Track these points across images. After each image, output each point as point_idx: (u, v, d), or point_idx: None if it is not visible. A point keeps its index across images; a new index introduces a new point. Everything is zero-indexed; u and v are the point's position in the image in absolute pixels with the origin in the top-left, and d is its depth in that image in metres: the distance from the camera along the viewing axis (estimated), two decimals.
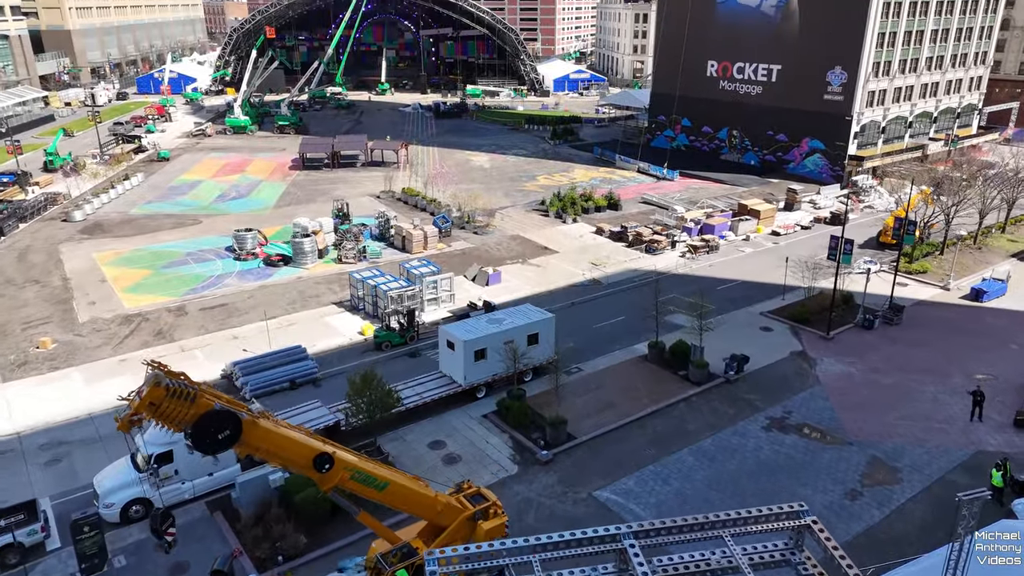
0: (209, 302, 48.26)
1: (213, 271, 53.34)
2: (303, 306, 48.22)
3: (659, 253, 59.08)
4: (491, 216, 67.99)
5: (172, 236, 60.94)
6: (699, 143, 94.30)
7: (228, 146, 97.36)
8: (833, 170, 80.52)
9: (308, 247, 54.23)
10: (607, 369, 40.15)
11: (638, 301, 49.12)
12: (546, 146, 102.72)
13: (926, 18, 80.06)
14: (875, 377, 39.53)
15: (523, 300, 49.71)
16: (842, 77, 77.70)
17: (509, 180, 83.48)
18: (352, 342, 43.62)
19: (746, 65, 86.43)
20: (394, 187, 76.71)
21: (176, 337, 43.51)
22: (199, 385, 17.71)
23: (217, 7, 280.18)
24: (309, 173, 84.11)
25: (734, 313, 47.27)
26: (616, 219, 68.26)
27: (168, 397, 16.70)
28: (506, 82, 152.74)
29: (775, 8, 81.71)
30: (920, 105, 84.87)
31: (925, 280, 52.91)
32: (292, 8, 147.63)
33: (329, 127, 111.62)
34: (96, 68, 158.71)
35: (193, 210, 68.45)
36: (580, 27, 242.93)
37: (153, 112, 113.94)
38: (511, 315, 38.85)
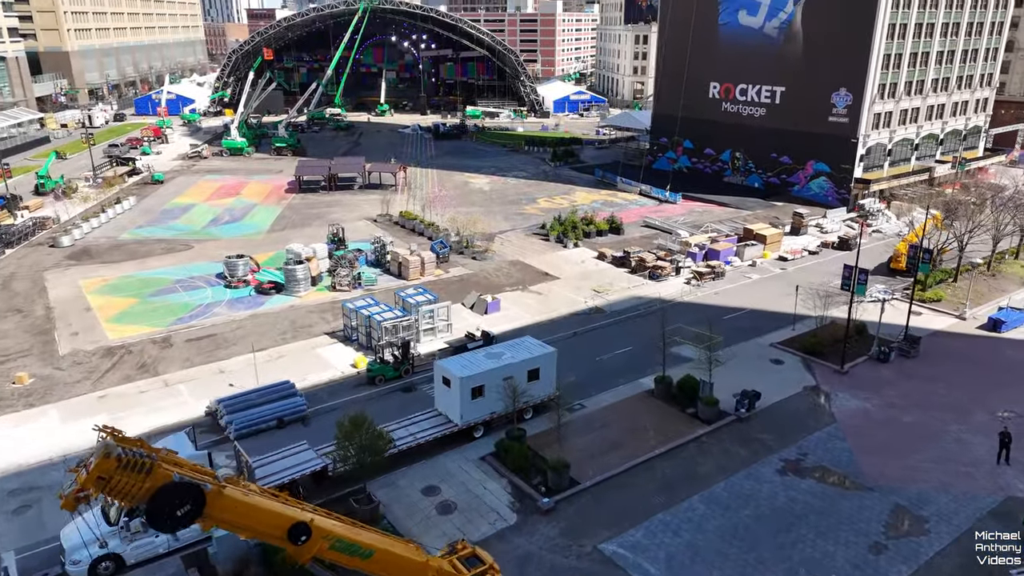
0: (196, 333, 46.38)
1: (202, 299, 51.53)
2: (294, 337, 46.35)
3: (663, 280, 57.32)
4: (490, 241, 66.37)
5: (162, 262, 59.20)
6: (701, 165, 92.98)
7: (224, 168, 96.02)
8: (839, 193, 79.03)
9: (301, 274, 52.46)
10: (612, 406, 38.17)
11: (643, 331, 47.36)
12: (546, 168, 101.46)
13: (931, 40, 79.04)
14: (894, 415, 37.54)
15: (523, 330, 48.03)
16: (847, 99, 76.48)
17: (509, 203, 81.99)
18: (344, 375, 41.70)
19: (749, 87, 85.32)
20: (392, 210, 75.16)
21: (160, 371, 41.58)
22: (157, 452, 15.74)
23: (218, 29, 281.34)
24: (305, 196, 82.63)
25: (743, 344, 45.39)
26: (618, 244, 66.60)
27: (120, 469, 14.73)
28: (506, 103, 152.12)
29: (778, 30, 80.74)
30: (926, 127, 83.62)
31: (940, 309, 51.07)
32: (291, 30, 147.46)
33: (327, 149, 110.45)
34: (94, 89, 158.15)
35: (185, 235, 66.80)
36: (580, 48, 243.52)
37: (149, 134, 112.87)
38: (510, 349, 36.97)
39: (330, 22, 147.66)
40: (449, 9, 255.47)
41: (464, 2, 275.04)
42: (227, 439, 34.84)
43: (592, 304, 52.60)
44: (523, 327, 48.61)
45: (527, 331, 47.83)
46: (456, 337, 46.20)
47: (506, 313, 50.68)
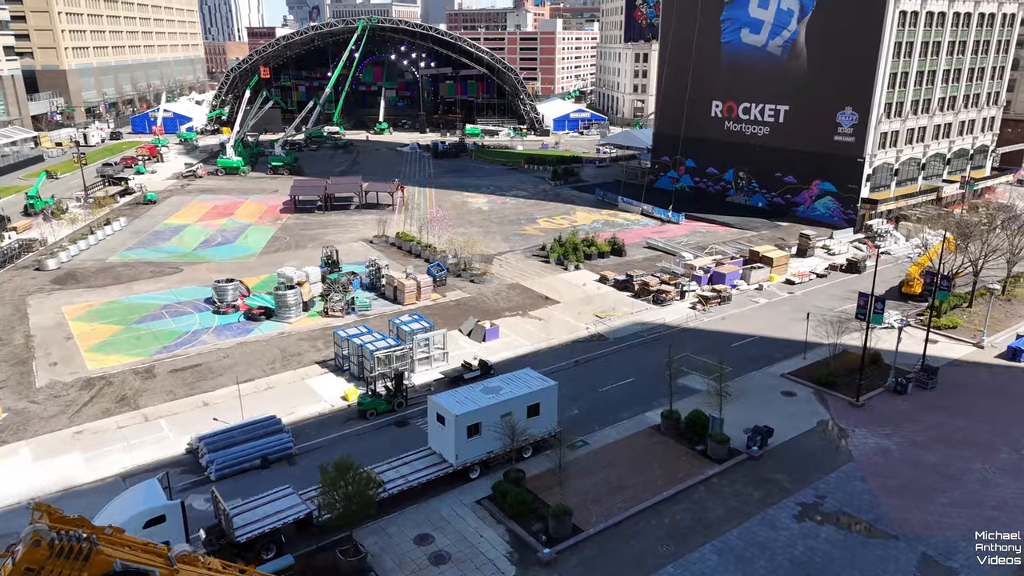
0: (181, 362, 44.39)
1: (189, 326, 49.59)
2: (283, 366, 44.35)
3: (668, 304, 55.42)
4: (489, 263, 64.55)
5: (149, 286, 57.31)
6: (704, 184, 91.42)
7: (218, 188, 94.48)
8: (845, 213, 77.33)
9: (292, 300, 50.55)
10: (616, 443, 36.09)
11: (648, 360, 45.47)
12: (546, 187, 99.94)
13: (938, 58, 77.75)
14: (915, 453, 35.45)
15: (522, 358, 46.15)
16: (853, 118, 75.01)
17: (508, 223, 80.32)
18: (334, 409, 39.66)
19: (752, 105, 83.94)
20: (388, 231, 73.42)
21: (140, 404, 39.55)
22: (99, 532, 13.70)
23: (218, 47, 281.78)
24: (300, 216, 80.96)
25: (752, 375, 43.39)
26: (620, 266, 64.78)
27: (52, 559, 12.68)
28: (505, 121, 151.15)
29: (781, 48, 79.49)
30: (933, 147, 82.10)
31: (956, 336, 49.07)
32: (290, 48, 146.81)
33: (324, 167, 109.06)
34: (91, 108, 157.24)
35: (175, 257, 64.98)
36: (580, 66, 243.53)
37: (145, 152, 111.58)
38: (509, 383, 34.97)
39: (329, 40, 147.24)
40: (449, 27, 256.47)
41: (464, 20, 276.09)
42: (208, 480, 32.79)
43: (594, 330, 50.67)
44: (522, 355, 46.72)
45: (526, 360, 46.00)
46: (452, 367, 44.25)
47: (505, 340, 48.73)
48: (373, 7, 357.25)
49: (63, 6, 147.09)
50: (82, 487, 32.63)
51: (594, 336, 49.96)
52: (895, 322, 43.51)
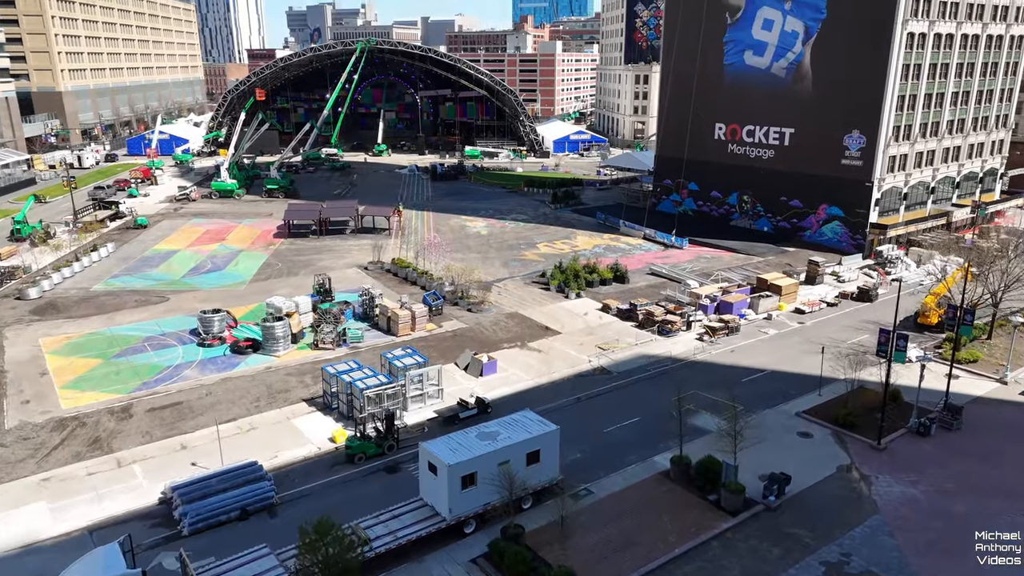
0: (160, 400, 41.98)
1: (171, 360, 47.21)
2: (269, 404, 41.93)
3: (673, 335, 53.11)
4: (487, 290, 62.35)
5: (133, 316, 55.01)
6: (707, 208, 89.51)
7: (211, 211, 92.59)
8: (854, 238, 75.28)
9: (280, 332, 48.23)
10: (623, 492, 33.56)
11: (654, 396, 43.09)
12: (546, 210, 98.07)
13: (946, 80, 76.19)
14: (944, 503, 32.93)
15: (521, 395, 43.81)
16: (860, 141, 73.26)
17: (508, 248, 78.26)
18: (321, 452, 37.19)
19: (756, 128, 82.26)
20: (384, 257, 71.34)
21: (114, 447, 37.08)
22: None
23: (218, 69, 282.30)
24: (294, 241, 78.90)
25: (766, 413, 40.92)
26: (623, 294, 62.58)
27: None
28: (505, 143, 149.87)
29: (786, 70, 77.96)
30: (942, 170, 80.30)
31: (977, 371, 46.70)
32: (288, 70, 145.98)
33: (321, 190, 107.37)
34: (87, 129, 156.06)
35: (162, 285, 62.75)
36: (579, 88, 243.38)
37: (138, 175, 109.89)
38: (507, 427, 32.56)
39: (327, 62, 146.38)
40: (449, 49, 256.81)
41: (464, 42, 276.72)
42: (180, 535, 30.27)
43: (597, 364, 48.30)
44: (521, 391, 44.36)
45: (526, 396, 43.64)
46: (447, 405, 41.84)
47: (503, 375, 46.36)
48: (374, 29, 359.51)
49: (60, 28, 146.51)
50: (45, 543, 30.11)
51: (597, 370, 47.59)
52: (917, 358, 41.12)
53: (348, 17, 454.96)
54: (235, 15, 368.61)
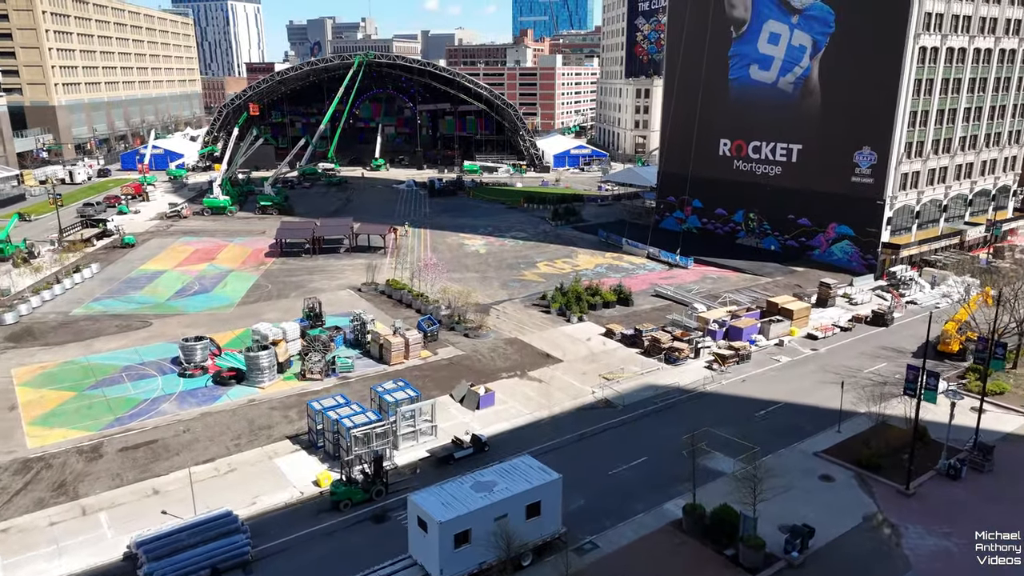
0: (134, 438, 39.22)
1: (149, 392, 44.49)
2: (250, 442, 39.18)
3: (681, 363, 50.43)
4: (485, 313, 59.82)
5: (113, 343, 52.30)
6: (712, 225, 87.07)
7: (202, 229, 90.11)
8: (865, 258, 72.75)
9: (265, 362, 45.53)
10: (631, 546, 30.75)
11: (662, 433, 40.43)
12: (546, 227, 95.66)
13: (958, 96, 73.96)
14: (983, 559, 30.08)
15: (520, 430, 41.14)
16: (871, 158, 70.89)
17: (507, 267, 75.71)
18: (304, 497, 34.41)
19: (763, 144, 79.97)
20: (378, 278, 68.79)
21: (81, 492, 34.30)
22: None
23: (217, 82, 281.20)
24: (286, 261, 76.34)
25: (783, 453, 38.20)
26: (627, 317, 59.98)
27: None
28: (504, 158, 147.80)
29: (793, 85, 75.75)
30: (955, 187, 77.90)
31: (1005, 404, 43.98)
32: (285, 84, 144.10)
33: (316, 206, 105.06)
34: (81, 144, 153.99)
35: (145, 309, 60.07)
36: (580, 101, 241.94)
37: (130, 191, 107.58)
38: (504, 476, 29.83)
39: (324, 76, 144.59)
40: (449, 63, 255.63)
41: (464, 56, 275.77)
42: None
43: (601, 395, 45.61)
44: (520, 426, 41.67)
45: (525, 432, 40.96)
46: (441, 443, 39.08)
47: (501, 408, 43.64)
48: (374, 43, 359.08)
49: (54, 42, 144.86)
50: None
51: (600, 402, 44.91)
52: (946, 394, 38.42)
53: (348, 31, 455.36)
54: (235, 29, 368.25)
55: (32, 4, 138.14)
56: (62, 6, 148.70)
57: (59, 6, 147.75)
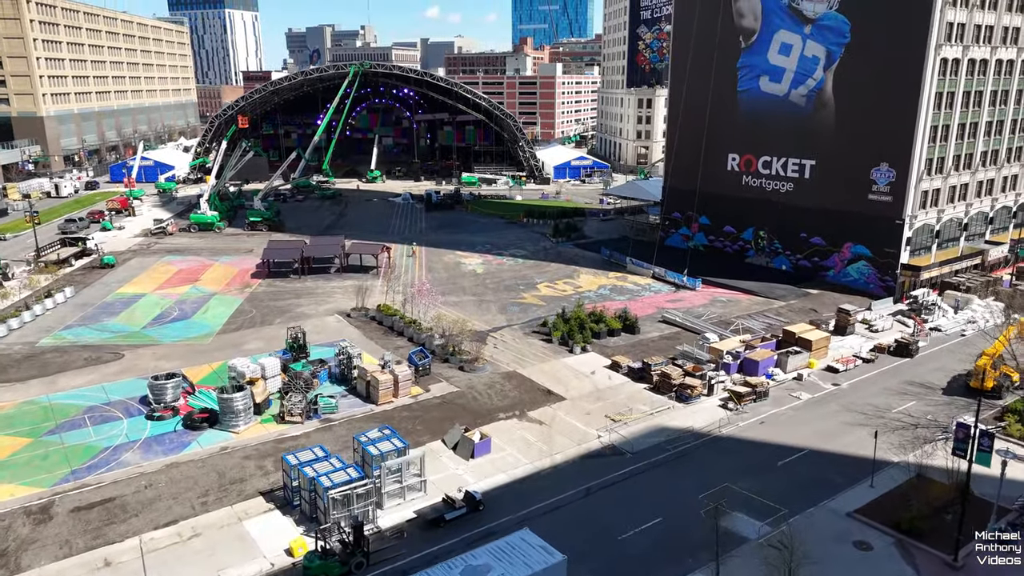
0: (89, 495, 35.33)
1: (112, 438, 40.61)
2: (219, 499, 35.28)
3: (694, 402, 46.59)
4: (482, 343, 56.01)
5: (78, 380, 48.42)
6: (720, 243, 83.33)
7: (188, 247, 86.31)
8: (883, 280, 68.96)
9: (240, 404, 41.67)
10: None
11: (677, 487, 36.68)
12: (547, 244, 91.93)
13: (980, 109, 70.40)
14: None
15: (519, 483, 37.34)
16: (889, 175, 67.22)
17: (505, 289, 71.92)
18: (274, 570, 30.52)
19: (773, 159, 76.33)
20: (369, 302, 64.96)
21: (22, 565, 30.41)
22: None
23: (213, 91, 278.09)
24: (273, 282, 72.53)
25: (811, 513, 34.32)
26: (634, 347, 56.18)
27: None
28: (504, 169, 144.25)
29: (806, 98, 72.16)
30: (976, 205, 74.22)
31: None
32: (279, 94, 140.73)
33: (308, 221, 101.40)
34: (69, 155, 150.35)
35: (118, 339, 56.17)
36: (580, 111, 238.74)
37: (116, 205, 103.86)
38: (500, 558, 25.99)
39: (319, 86, 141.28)
40: (448, 71, 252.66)
41: (463, 64, 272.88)
42: None
43: (607, 440, 41.75)
44: (519, 479, 37.80)
45: (524, 486, 37.11)
46: (431, 502, 35.21)
47: (498, 456, 39.76)
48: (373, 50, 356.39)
49: (43, 51, 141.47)
50: None
51: (607, 448, 41.05)
52: (999, 452, 34.58)
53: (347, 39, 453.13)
54: (232, 37, 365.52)
55: (20, 12, 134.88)
56: (51, 15, 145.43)
57: (48, 15, 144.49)
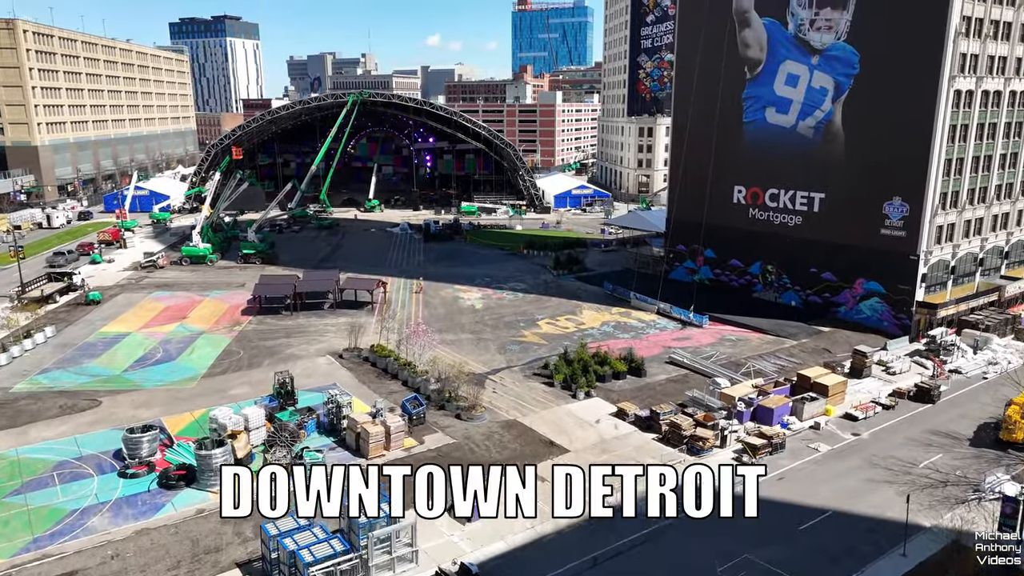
0: (50, 568, 32.30)
1: (81, 499, 37.66)
2: (191, 572, 32.27)
3: (706, 454, 43.68)
4: (480, 387, 53.23)
5: (50, 431, 45.54)
6: (726, 277, 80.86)
7: (177, 281, 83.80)
8: (897, 318, 66.34)
9: (220, 461, 38.75)
10: None
11: (692, 554, 33.79)
12: (548, 277, 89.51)
13: (994, 142, 68.41)
14: None
15: (519, 551, 34.36)
16: (903, 210, 64.97)
17: (505, 326, 69.29)
18: None
19: (781, 192, 74.17)
20: (363, 341, 62.24)
21: None
22: None
23: (213, 118, 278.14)
24: (264, 319, 69.91)
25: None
26: (641, 391, 53.41)
27: None
28: (504, 197, 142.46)
29: (814, 130, 70.20)
30: (991, 239, 71.90)
31: None
32: (276, 123, 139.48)
33: (303, 253, 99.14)
34: (64, 185, 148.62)
35: (97, 383, 53.33)
36: (580, 138, 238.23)
37: (107, 237, 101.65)
38: None
39: (318, 115, 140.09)
40: (448, 99, 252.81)
41: (463, 92, 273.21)
42: None
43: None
44: (519, 546, 34.82)
45: (525, 555, 34.14)
46: (424, 575, 32.19)
47: (497, 519, 36.67)
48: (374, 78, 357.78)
49: (39, 80, 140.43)
50: None
51: (616, 511, 37.89)
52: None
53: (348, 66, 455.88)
54: (233, 65, 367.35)
55: (16, 42, 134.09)
56: (48, 44, 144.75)
57: (45, 44, 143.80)
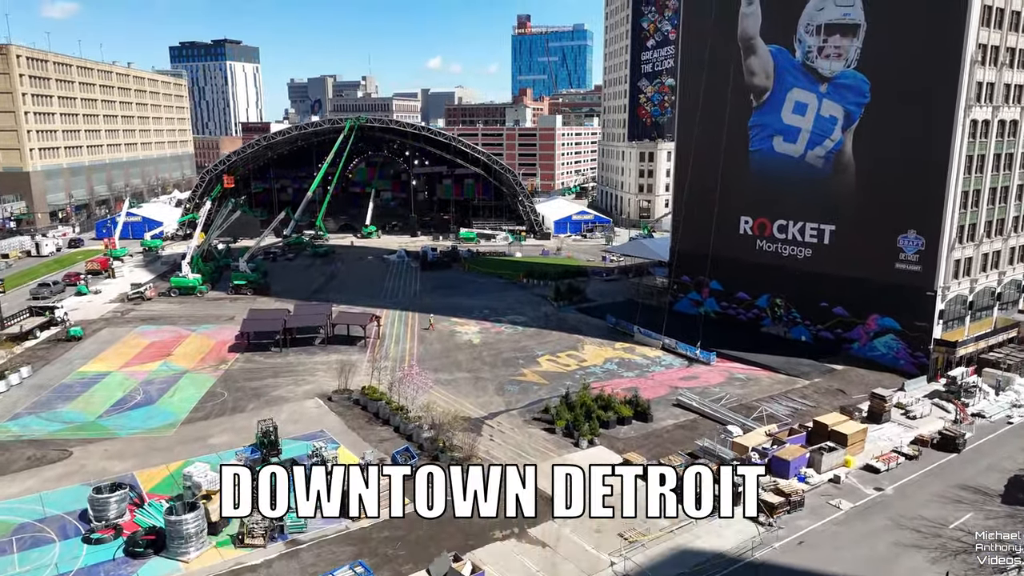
0: None
1: (39, 570, 34.45)
2: None
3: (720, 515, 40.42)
4: (476, 433, 50.17)
5: (15, 487, 42.38)
6: (733, 311, 78.00)
7: (164, 315, 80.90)
8: (914, 356, 63.39)
9: (192, 527, 35.63)
10: None
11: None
12: (548, 309, 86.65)
13: (1011, 172, 65.97)
14: None
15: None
16: (918, 243, 62.31)
17: (503, 364, 66.31)
18: None
19: (789, 223, 71.57)
20: (354, 382, 59.21)
21: None
22: None
23: (212, 142, 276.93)
24: (251, 357, 66.94)
25: None
26: (647, 438, 50.33)
27: None
28: (503, 223, 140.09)
29: (824, 159, 67.78)
30: (1009, 272, 69.17)
31: None
32: (272, 148, 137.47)
33: (296, 283, 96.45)
34: (56, 211, 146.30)
35: (70, 431, 50.22)
36: (580, 161, 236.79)
37: (95, 266, 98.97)
38: None
39: (315, 140, 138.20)
40: (448, 122, 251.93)
41: (463, 115, 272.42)
42: None
43: (623, 569, 35.60)
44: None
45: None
46: None
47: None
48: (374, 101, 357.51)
49: (32, 106, 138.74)
50: None
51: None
52: None
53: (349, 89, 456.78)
54: (233, 88, 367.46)
55: (9, 67, 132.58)
56: (42, 69, 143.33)
57: (39, 69, 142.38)
